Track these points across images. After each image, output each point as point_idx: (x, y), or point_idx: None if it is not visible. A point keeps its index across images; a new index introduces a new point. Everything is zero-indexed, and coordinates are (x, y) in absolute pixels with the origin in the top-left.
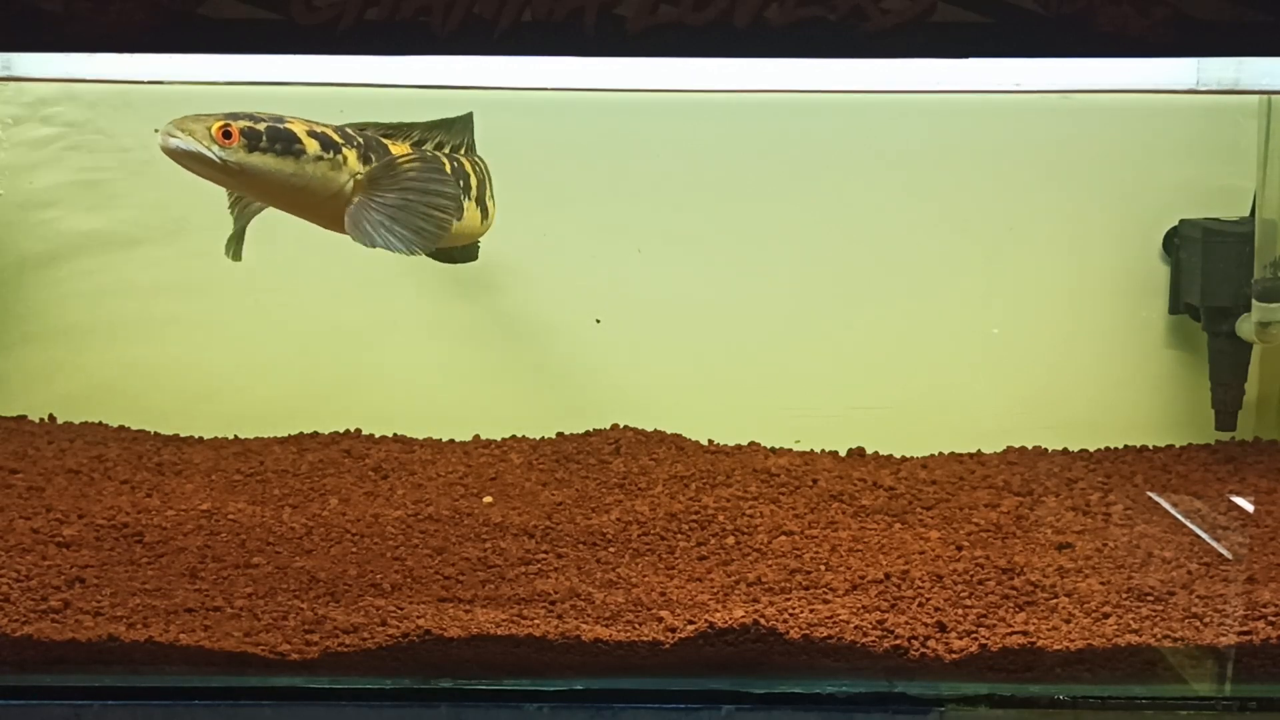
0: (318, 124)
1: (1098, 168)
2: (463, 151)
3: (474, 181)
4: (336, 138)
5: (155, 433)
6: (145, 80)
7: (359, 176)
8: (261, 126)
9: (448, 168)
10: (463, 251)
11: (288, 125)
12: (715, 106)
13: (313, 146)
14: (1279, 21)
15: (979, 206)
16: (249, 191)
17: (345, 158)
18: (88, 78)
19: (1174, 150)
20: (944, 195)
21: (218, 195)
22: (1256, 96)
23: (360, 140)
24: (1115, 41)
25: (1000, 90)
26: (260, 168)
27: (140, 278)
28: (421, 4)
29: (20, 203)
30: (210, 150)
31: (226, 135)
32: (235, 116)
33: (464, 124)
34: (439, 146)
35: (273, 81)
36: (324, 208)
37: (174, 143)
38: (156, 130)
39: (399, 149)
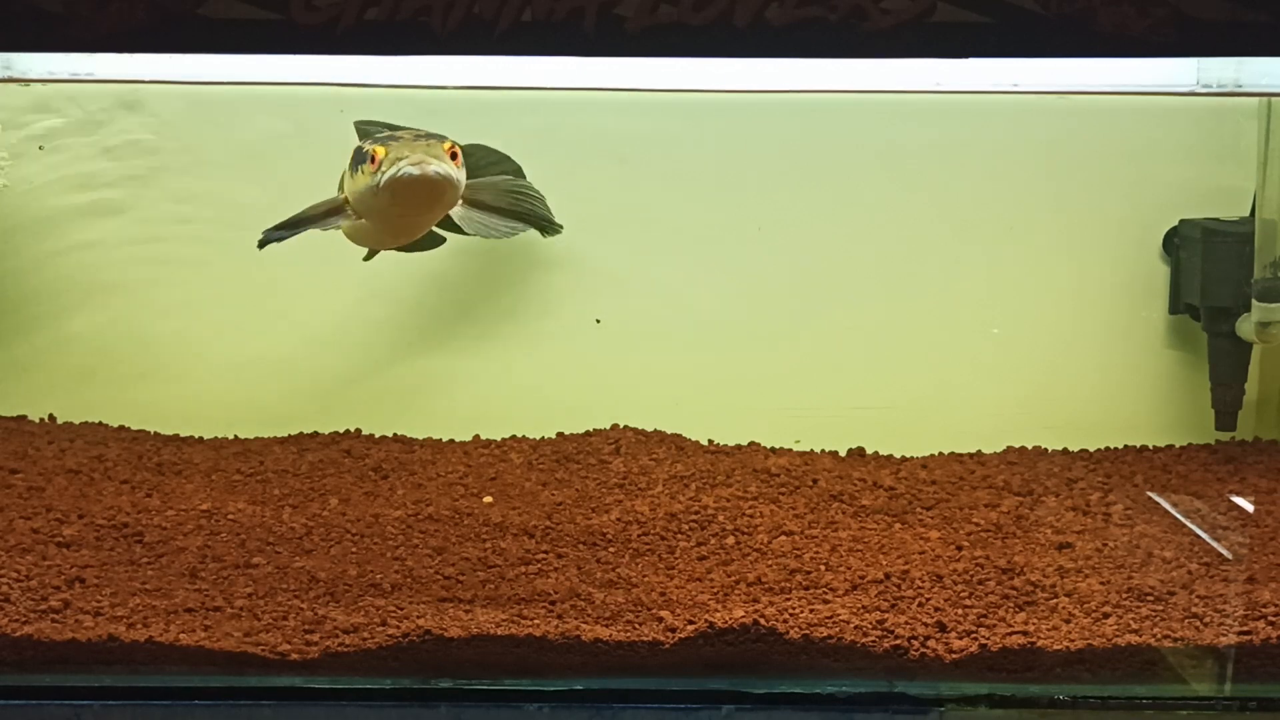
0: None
1: (1098, 168)
2: None
3: None
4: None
5: (155, 433)
6: (145, 80)
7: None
8: (451, 142)
9: None
10: (429, 239)
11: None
12: (715, 106)
13: (460, 155)
14: (1279, 21)
15: (979, 206)
16: (438, 209)
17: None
18: (88, 78)
19: (1174, 151)
20: (944, 195)
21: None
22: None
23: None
24: (1115, 41)
25: (999, 90)
26: (462, 183)
27: (143, 277)
28: (421, 4)
29: (20, 201)
30: (456, 174)
31: (454, 156)
32: (436, 137)
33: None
34: None
35: (273, 81)
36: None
37: (433, 169)
38: (382, 166)
39: None
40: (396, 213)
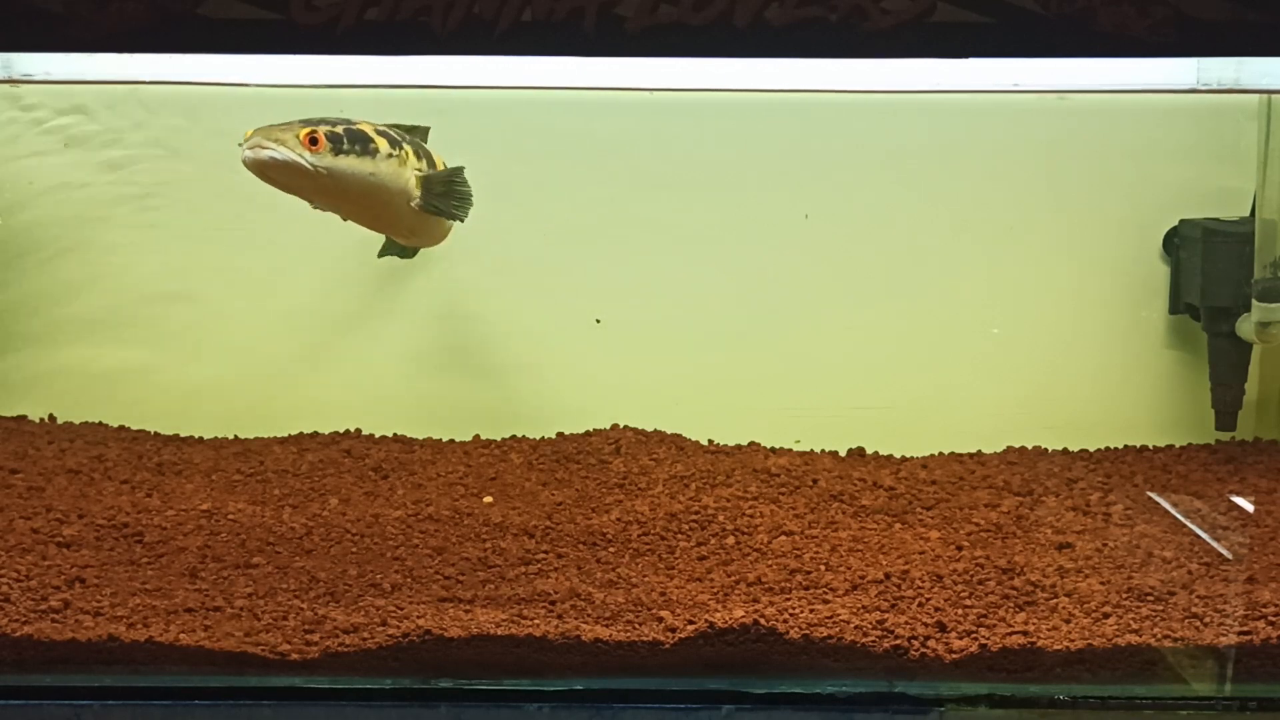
0: (371, 124)
1: (1098, 168)
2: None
3: None
4: (395, 135)
5: (155, 433)
6: (145, 80)
7: (418, 173)
8: (340, 129)
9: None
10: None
11: (359, 126)
12: (715, 106)
13: (383, 145)
14: (1279, 21)
15: (979, 206)
16: (325, 196)
17: (406, 154)
18: (88, 78)
19: (1174, 151)
20: (944, 195)
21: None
22: (1256, 96)
23: (407, 137)
24: (1115, 41)
25: (999, 90)
26: (346, 170)
27: (142, 276)
28: (421, 4)
29: (19, 200)
30: (302, 158)
31: (314, 141)
32: (312, 122)
33: (421, 135)
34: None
35: (273, 82)
36: (389, 206)
37: (266, 154)
38: (240, 144)
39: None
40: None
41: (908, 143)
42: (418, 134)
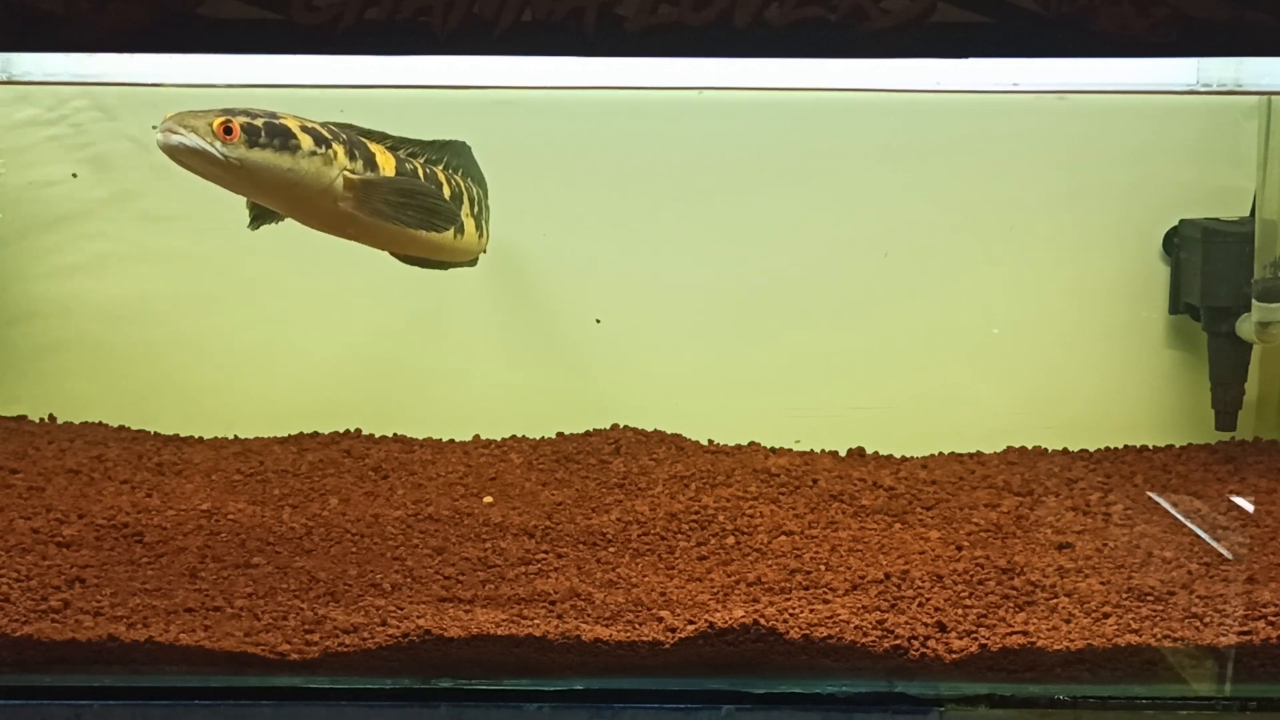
0: (306, 120)
1: (1098, 168)
2: (440, 168)
3: (447, 193)
4: (325, 133)
5: (155, 433)
6: (145, 81)
7: (347, 172)
8: (259, 122)
9: (421, 174)
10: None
11: (283, 121)
12: (715, 106)
13: (307, 142)
14: (1279, 21)
15: (979, 206)
16: (241, 187)
17: (335, 153)
18: (88, 78)
19: (1174, 151)
20: (944, 195)
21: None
22: (1256, 96)
23: (345, 136)
24: (1115, 41)
25: (999, 90)
26: (259, 163)
27: (142, 276)
28: (421, 4)
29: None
30: (212, 146)
31: (227, 131)
32: (233, 112)
33: (451, 149)
34: (411, 157)
35: (273, 82)
36: (312, 204)
37: (175, 139)
38: (154, 127)
39: (375, 148)
40: None
41: (908, 143)
42: (451, 149)
